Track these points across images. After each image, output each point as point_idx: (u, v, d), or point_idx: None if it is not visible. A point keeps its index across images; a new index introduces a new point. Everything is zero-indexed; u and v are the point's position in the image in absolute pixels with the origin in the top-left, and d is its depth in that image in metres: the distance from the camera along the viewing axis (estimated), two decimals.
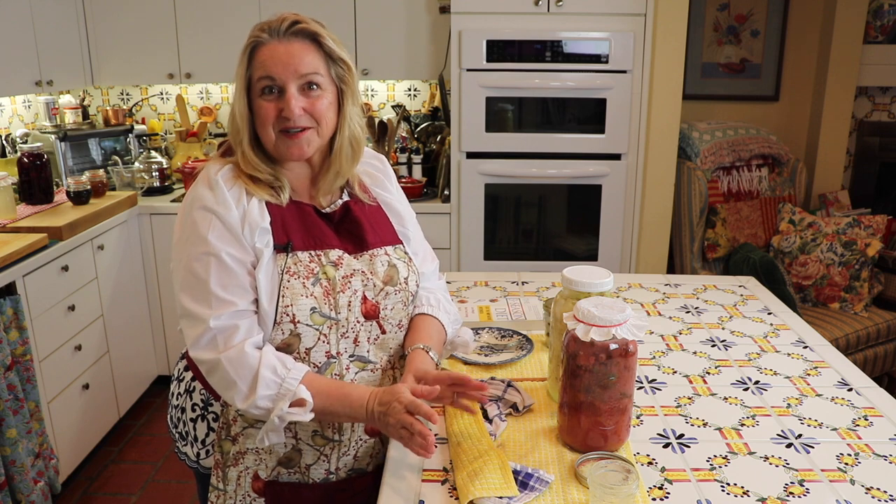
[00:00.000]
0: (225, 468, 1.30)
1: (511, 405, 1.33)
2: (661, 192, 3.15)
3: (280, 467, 1.29)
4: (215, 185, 1.22)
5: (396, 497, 1.11)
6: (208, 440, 1.32)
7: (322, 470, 1.30)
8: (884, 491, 1.11)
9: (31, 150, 2.78)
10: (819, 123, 3.61)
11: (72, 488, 2.65)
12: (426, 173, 3.40)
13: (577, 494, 1.09)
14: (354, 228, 1.31)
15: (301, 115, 1.21)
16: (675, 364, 1.55)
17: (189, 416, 1.34)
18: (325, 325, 1.23)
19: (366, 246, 1.30)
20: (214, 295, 1.17)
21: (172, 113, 3.74)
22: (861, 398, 1.40)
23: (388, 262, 1.31)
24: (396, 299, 1.31)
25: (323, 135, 1.25)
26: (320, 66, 1.22)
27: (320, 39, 1.23)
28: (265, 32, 1.21)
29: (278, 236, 1.23)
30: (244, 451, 1.29)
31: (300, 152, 1.23)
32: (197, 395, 1.33)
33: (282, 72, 1.19)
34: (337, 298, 1.23)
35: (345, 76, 1.26)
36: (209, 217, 1.20)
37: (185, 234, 1.22)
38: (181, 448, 1.38)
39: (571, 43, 2.97)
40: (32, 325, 2.34)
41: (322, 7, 3.25)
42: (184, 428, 1.36)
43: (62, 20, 3.14)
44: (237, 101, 1.23)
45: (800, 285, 3.22)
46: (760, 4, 3.61)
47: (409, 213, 1.43)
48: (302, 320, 1.21)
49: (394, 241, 1.36)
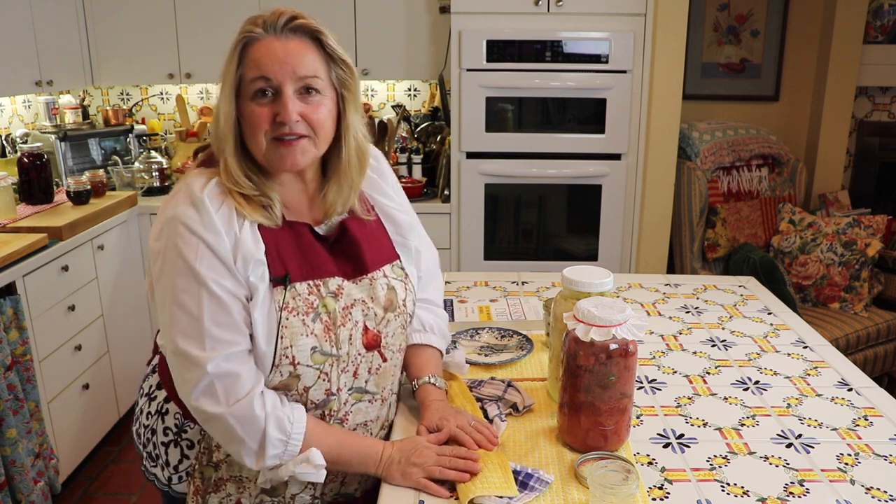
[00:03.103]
0: (205, 495, 1.23)
1: (511, 405, 1.32)
2: (661, 192, 3.15)
3: (263, 495, 1.22)
4: (200, 206, 1.07)
5: (396, 497, 1.11)
6: (182, 466, 1.24)
7: (307, 497, 1.24)
8: (884, 491, 1.11)
9: (31, 150, 2.78)
10: (819, 123, 3.61)
11: (72, 488, 2.65)
12: (426, 173, 3.40)
13: (577, 494, 1.09)
14: (352, 249, 1.20)
15: (298, 121, 1.09)
16: (675, 364, 1.55)
17: (160, 439, 1.25)
18: (325, 363, 1.15)
19: (364, 269, 1.20)
20: (209, 334, 1.06)
21: (172, 113, 3.75)
22: (861, 398, 1.40)
23: (388, 284, 1.23)
24: (396, 324, 1.24)
25: (319, 146, 1.14)
26: (320, 69, 1.11)
27: (322, 38, 1.11)
28: (259, 27, 1.09)
29: (275, 268, 1.11)
30: (226, 477, 1.22)
31: (294, 162, 1.11)
32: (171, 418, 1.24)
33: (278, 72, 1.07)
34: (338, 333, 1.15)
35: (346, 80, 1.14)
36: (195, 243, 1.07)
37: (169, 262, 1.08)
38: (149, 468, 1.30)
39: (571, 43, 2.97)
40: (32, 325, 2.34)
41: (322, 7, 3.24)
42: (154, 450, 1.27)
43: (62, 20, 3.13)
44: (223, 103, 1.09)
45: (800, 285, 3.22)
46: (760, 4, 3.61)
47: (410, 220, 1.34)
48: (302, 361, 1.12)
49: (391, 258, 1.27)
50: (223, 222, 1.09)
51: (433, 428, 1.22)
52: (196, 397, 1.09)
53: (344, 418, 1.21)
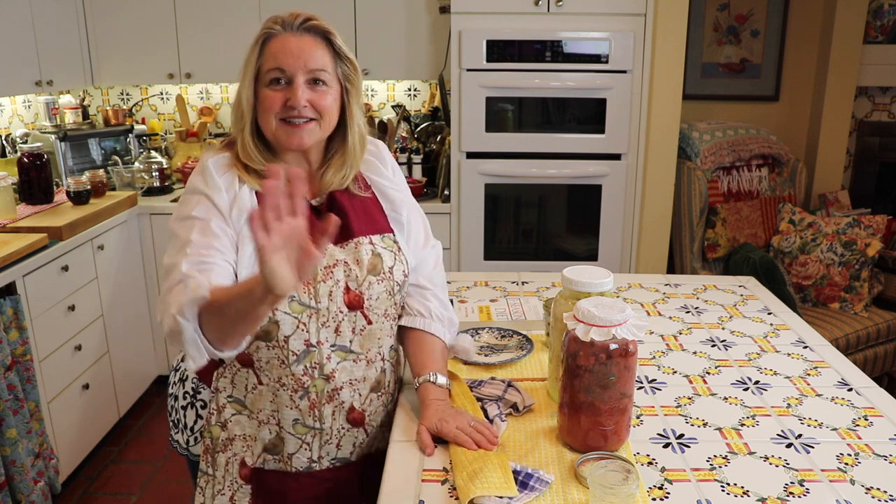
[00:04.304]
0: (214, 454, 1.33)
1: (511, 405, 1.32)
2: (661, 192, 3.15)
3: (266, 454, 1.31)
4: (205, 171, 1.24)
5: (396, 497, 1.11)
6: (196, 427, 1.37)
7: (304, 458, 1.32)
8: (884, 491, 1.11)
9: (31, 150, 2.78)
10: (819, 123, 3.61)
11: (72, 488, 2.65)
12: (426, 173, 3.40)
13: (577, 494, 1.09)
14: (340, 218, 1.28)
15: (306, 106, 1.23)
16: (675, 364, 1.55)
17: (180, 403, 1.39)
18: (304, 313, 1.23)
19: (350, 235, 1.30)
20: (191, 243, 1.16)
21: (172, 113, 3.74)
22: (861, 398, 1.40)
23: (373, 251, 1.31)
24: (380, 289, 1.30)
25: (324, 129, 1.28)
26: (328, 64, 1.25)
27: (331, 37, 1.27)
28: (278, 25, 1.25)
29: None
30: (233, 437, 1.31)
31: (300, 142, 1.25)
32: (189, 382, 1.37)
33: (292, 64, 1.22)
34: (317, 288, 1.24)
35: (351, 76, 1.29)
36: (198, 198, 1.22)
37: (175, 216, 1.23)
38: (173, 436, 1.42)
39: (571, 43, 2.97)
40: (32, 325, 2.34)
41: (322, 7, 3.24)
42: (175, 415, 1.40)
43: (62, 20, 3.14)
44: (244, 88, 1.25)
45: (800, 285, 3.22)
46: (760, 4, 3.61)
47: (403, 197, 1.41)
48: (280, 308, 1.21)
49: (383, 230, 1.35)
50: (225, 183, 1.23)
51: (433, 429, 1.23)
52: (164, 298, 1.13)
53: (330, 375, 1.28)
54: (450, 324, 1.43)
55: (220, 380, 1.32)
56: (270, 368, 1.26)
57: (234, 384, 1.30)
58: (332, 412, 1.30)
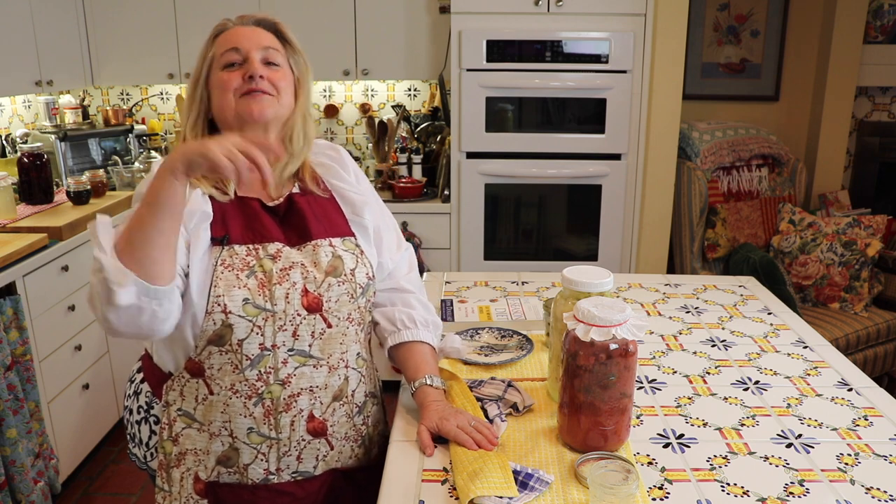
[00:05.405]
0: (168, 469, 1.28)
1: (511, 405, 1.32)
2: (661, 192, 3.15)
3: (220, 466, 1.26)
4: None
5: (396, 497, 1.11)
6: (151, 443, 1.31)
7: (261, 470, 1.26)
8: (884, 491, 1.11)
9: (31, 150, 2.78)
10: (819, 123, 3.61)
11: (72, 488, 2.65)
12: (426, 173, 3.40)
13: (577, 494, 1.09)
14: (298, 220, 1.28)
15: (263, 77, 1.25)
16: (675, 364, 1.55)
17: (135, 417, 1.34)
18: (258, 316, 1.18)
19: (309, 237, 1.27)
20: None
21: (172, 113, 3.75)
22: (861, 398, 1.40)
23: (333, 253, 1.27)
24: (341, 291, 1.26)
25: (281, 104, 1.28)
26: (280, 49, 1.31)
27: (280, 28, 1.33)
28: (230, 21, 1.32)
29: (216, 229, 1.21)
30: (185, 451, 1.27)
31: (260, 109, 1.25)
32: (143, 396, 1.32)
33: (246, 43, 1.27)
34: (273, 290, 1.19)
35: (302, 68, 1.33)
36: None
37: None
38: (132, 450, 1.38)
39: (571, 43, 2.97)
40: (32, 325, 2.34)
41: (322, 7, 3.25)
42: (131, 430, 1.36)
43: (62, 20, 3.13)
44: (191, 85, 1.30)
45: (800, 285, 3.22)
46: (760, 4, 3.61)
47: (366, 201, 1.37)
48: (234, 311, 1.16)
49: (343, 233, 1.31)
50: None
51: (433, 429, 1.22)
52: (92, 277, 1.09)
53: (286, 380, 1.22)
54: (434, 327, 1.42)
55: (169, 392, 1.26)
56: (223, 375, 1.21)
57: (184, 396, 1.25)
58: (290, 421, 1.24)
